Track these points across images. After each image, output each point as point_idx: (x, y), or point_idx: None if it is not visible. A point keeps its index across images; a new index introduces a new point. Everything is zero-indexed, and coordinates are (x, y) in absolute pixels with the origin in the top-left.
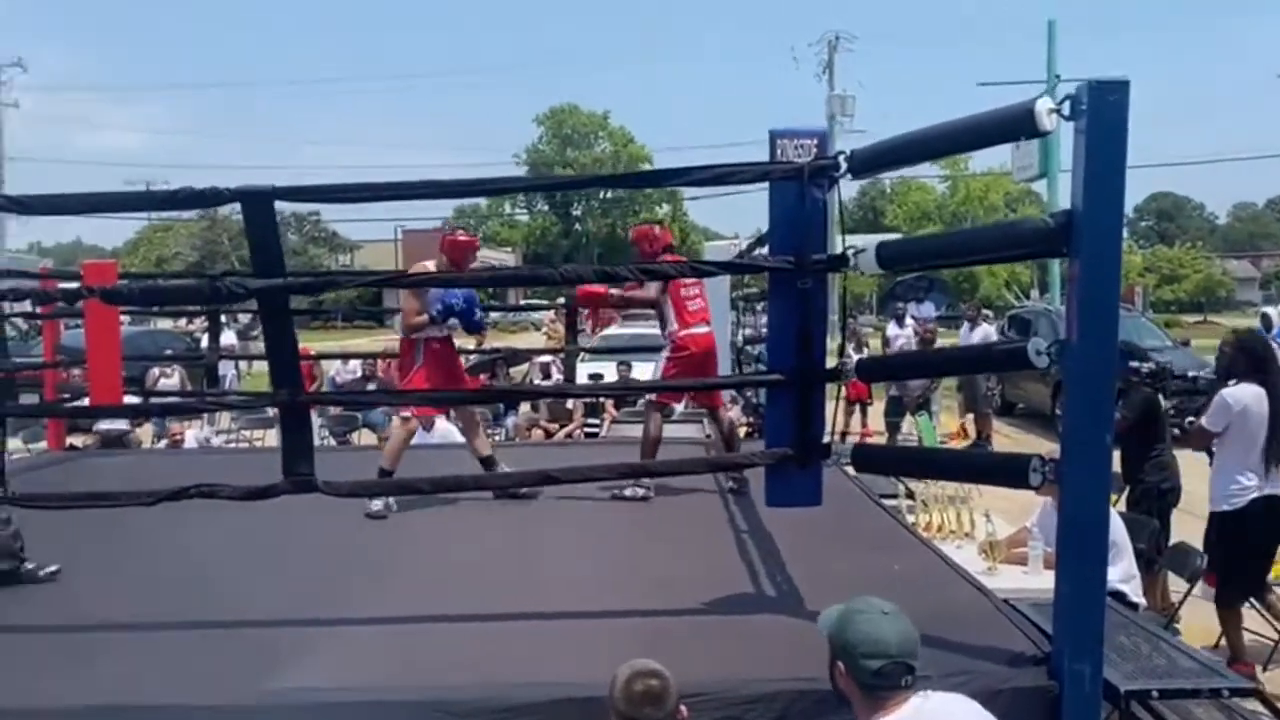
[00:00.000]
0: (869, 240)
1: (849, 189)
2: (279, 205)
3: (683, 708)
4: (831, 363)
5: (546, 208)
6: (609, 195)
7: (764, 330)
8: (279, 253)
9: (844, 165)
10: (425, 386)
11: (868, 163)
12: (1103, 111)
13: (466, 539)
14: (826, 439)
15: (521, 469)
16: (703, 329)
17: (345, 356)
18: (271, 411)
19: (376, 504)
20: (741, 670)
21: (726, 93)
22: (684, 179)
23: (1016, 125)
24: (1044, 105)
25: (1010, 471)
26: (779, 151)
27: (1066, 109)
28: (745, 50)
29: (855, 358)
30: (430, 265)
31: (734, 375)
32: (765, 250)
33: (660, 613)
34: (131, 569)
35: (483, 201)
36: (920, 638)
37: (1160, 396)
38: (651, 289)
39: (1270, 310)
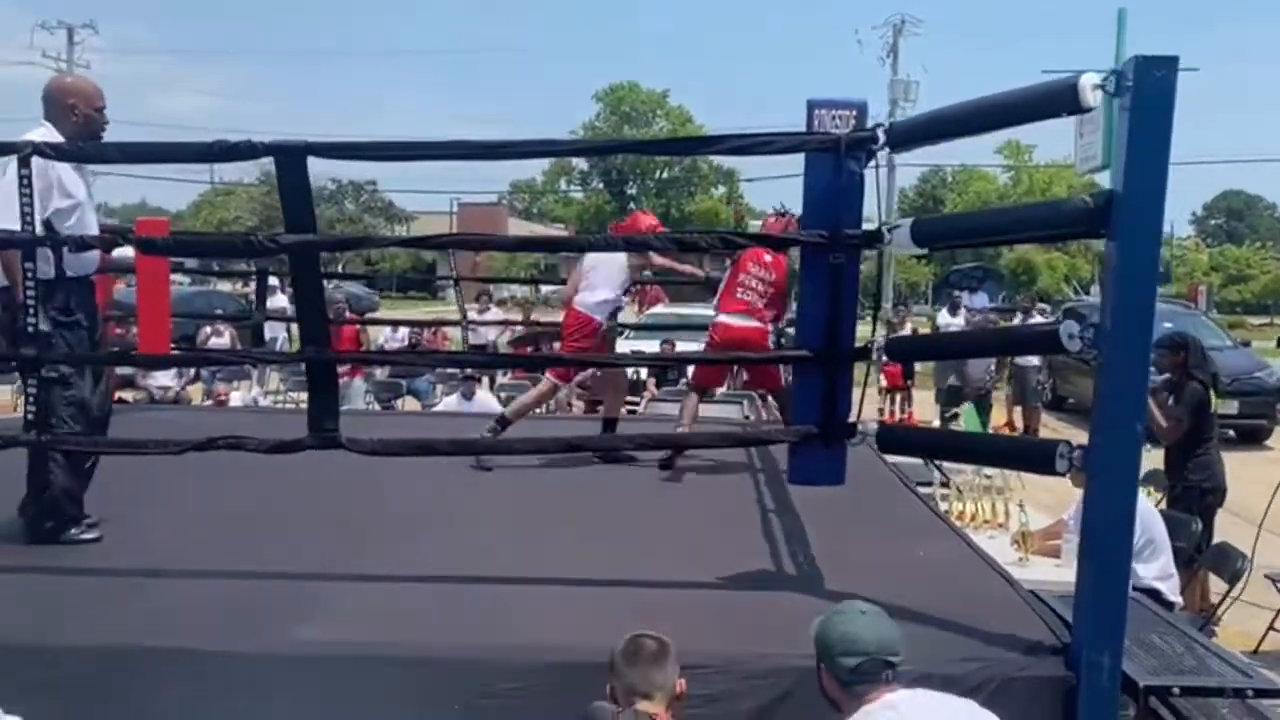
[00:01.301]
0: None
1: (909, 176)
2: (340, 173)
3: (681, 680)
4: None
5: (601, 185)
6: (664, 175)
7: None
8: (310, 210)
9: (883, 138)
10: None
11: (907, 135)
12: (1148, 87)
13: (494, 506)
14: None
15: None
16: (739, 320)
17: (395, 323)
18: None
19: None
20: (749, 645)
21: (788, 75)
22: (716, 147)
23: (1060, 100)
24: (1088, 80)
25: (1037, 457)
26: (816, 122)
27: (1112, 85)
28: (809, 33)
29: (885, 338)
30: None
31: (763, 352)
32: None
33: (675, 585)
34: (164, 518)
35: (538, 177)
36: (943, 624)
37: (1211, 394)
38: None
39: None
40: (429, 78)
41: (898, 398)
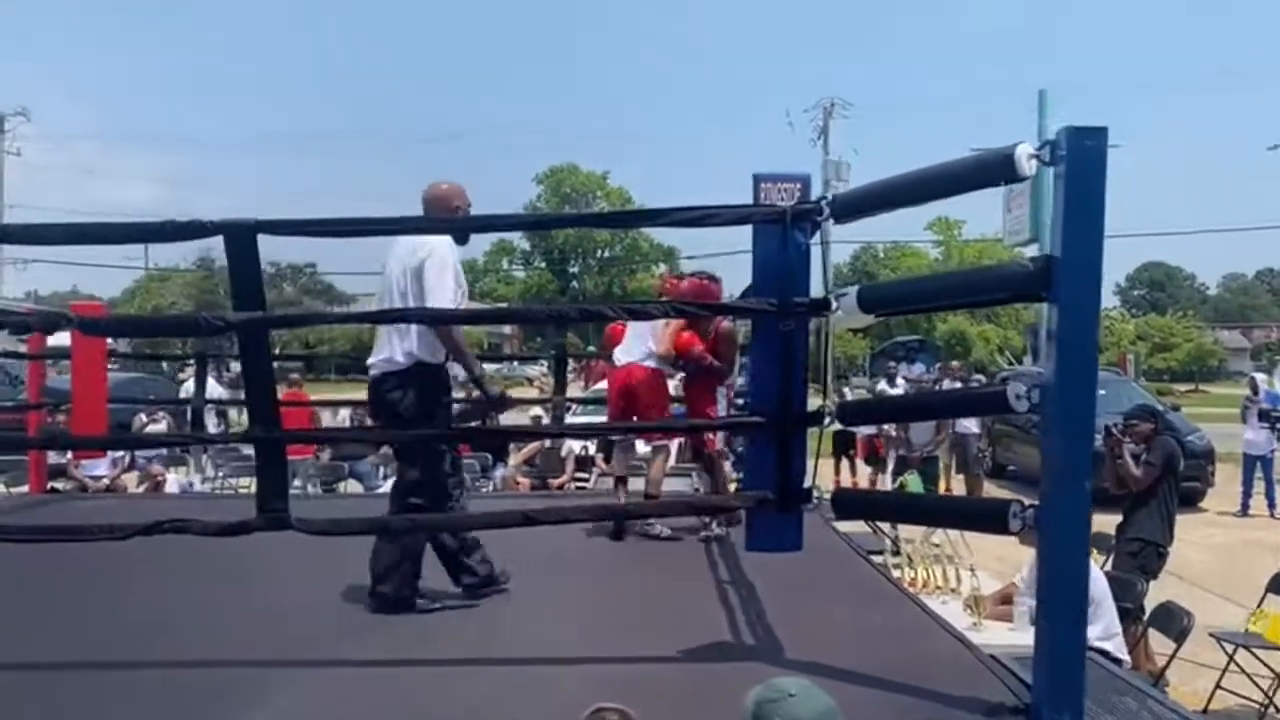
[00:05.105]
0: None
1: (842, 253)
2: (279, 256)
3: None
4: None
5: (543, 264)
6: (606, 253)
7: None
8: (260, 288)
9: (826, 210)
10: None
11: (849, 207)
12: (1081, 156)
13: (442, 584)
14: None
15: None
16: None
17: (335, 404)
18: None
19: (659, 527)
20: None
21: (724, 157)
22: (664, 219)
23: (997, 170)
24: (1024, 150)
25: (989, 516)
26: (762, 195)
27: (1046, 154)
28: (743, 116)
29: (837, 402)
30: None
31: (719, 418)
32: None
33: (631, 659)
34: (101, 607)
35: (480, 257)
36: (906, 688)
37: (1181, 448)
38: (726, 358)
39: (1258, 376)
40: (372, 162)
41: (857, 467)
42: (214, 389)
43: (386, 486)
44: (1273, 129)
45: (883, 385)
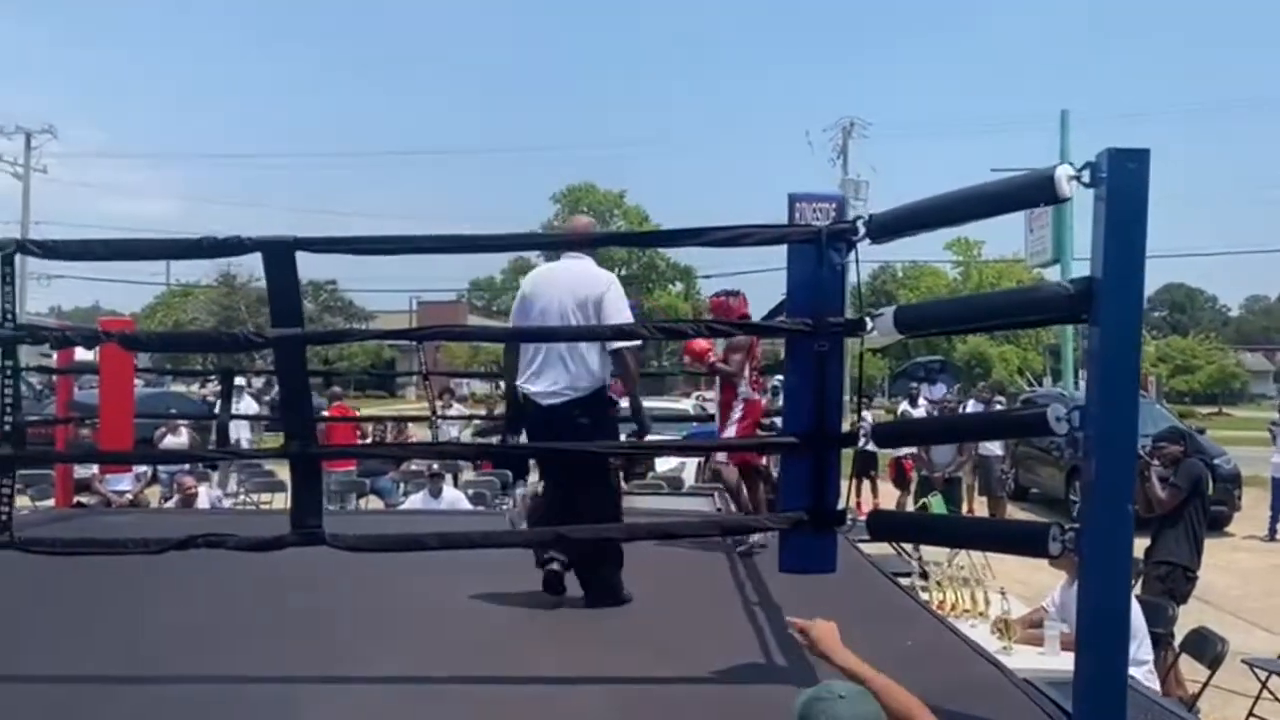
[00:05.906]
0: None
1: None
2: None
3: None
4: None
5: None
6: (623, 272)
7: None
8: (298, 304)
9: (862, 229)
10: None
11: (886, 227)
12: (1123, 178)
13: (467, 604)
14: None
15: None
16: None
17: (357, 420)
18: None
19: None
20: None
21: (741, 175)
22: (700, 239)
23: (1036, 191)
24: (1064, 172)
25: (1029, 539)
26: (797, 214)
27: (1086, 176)
28: (759, 134)
29: (870, 423)
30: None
31: (751, 438)
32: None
33: (663, 680)
34: (124, 621)
35: (498, 275)
36: (941, 713)
37: (1209, 471)
38: (734, 363)
39: None
40: (396, 180)
41: (878, 488)
42: (250, 405)
43: (408, 503)
44: None
45: (904, 407)
